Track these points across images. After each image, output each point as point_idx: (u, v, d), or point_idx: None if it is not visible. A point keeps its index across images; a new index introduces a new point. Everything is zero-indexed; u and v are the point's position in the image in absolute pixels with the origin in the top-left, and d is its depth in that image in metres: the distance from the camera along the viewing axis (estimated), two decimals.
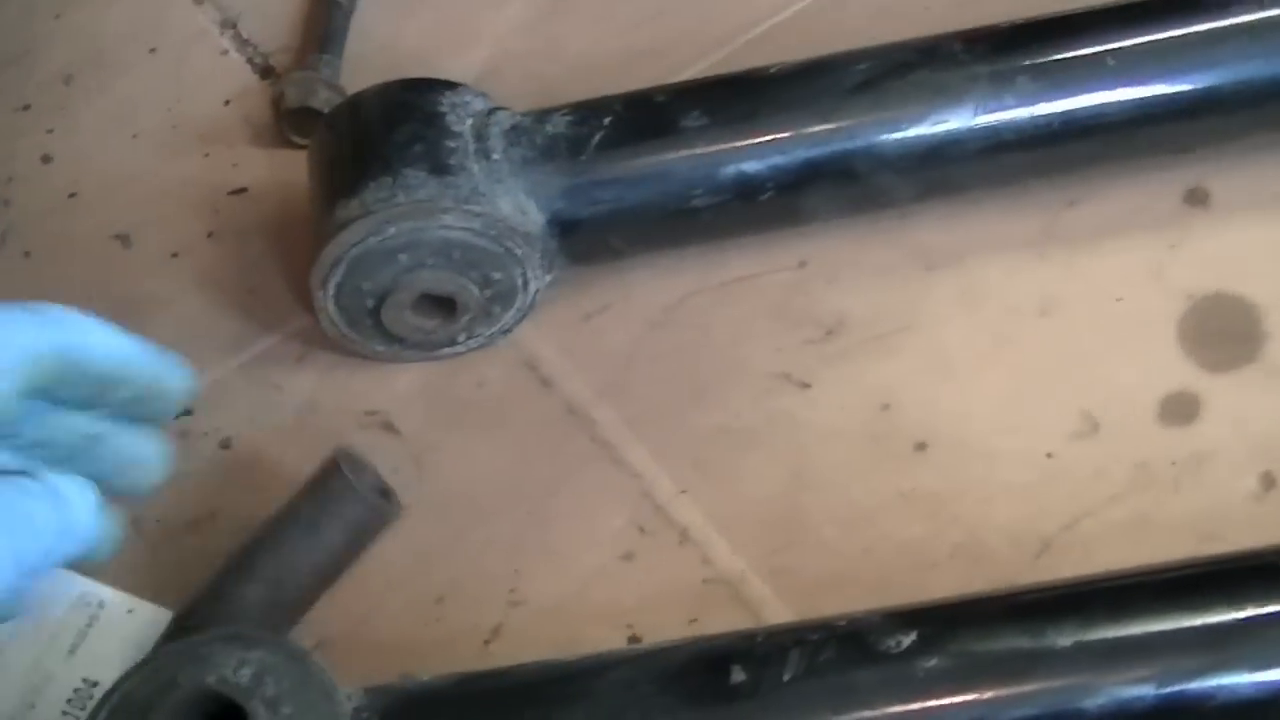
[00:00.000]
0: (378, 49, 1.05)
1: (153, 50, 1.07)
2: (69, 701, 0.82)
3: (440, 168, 0.86)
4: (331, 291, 0.87)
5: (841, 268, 0.93)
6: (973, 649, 0.71)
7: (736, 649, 0.74)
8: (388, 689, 0.75)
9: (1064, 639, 0.71)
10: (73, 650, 0.83)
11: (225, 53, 1.06)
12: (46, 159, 1.02)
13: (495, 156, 0.87)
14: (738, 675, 0.72)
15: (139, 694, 0.69)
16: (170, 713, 0.68)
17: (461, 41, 1.05)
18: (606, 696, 0.73)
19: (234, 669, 0.70)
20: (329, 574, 0.84)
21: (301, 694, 0.69)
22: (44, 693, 0.82)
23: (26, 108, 1.05)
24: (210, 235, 0.99)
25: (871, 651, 0.71)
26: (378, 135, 0.89)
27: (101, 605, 0.85)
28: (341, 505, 0.82)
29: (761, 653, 0.72)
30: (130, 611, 0.85)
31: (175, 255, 0.98)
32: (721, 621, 0.82)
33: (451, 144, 0.87)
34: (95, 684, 0.82)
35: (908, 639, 0.71)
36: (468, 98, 0.90)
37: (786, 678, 0.71)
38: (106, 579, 0.86)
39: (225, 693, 0.68)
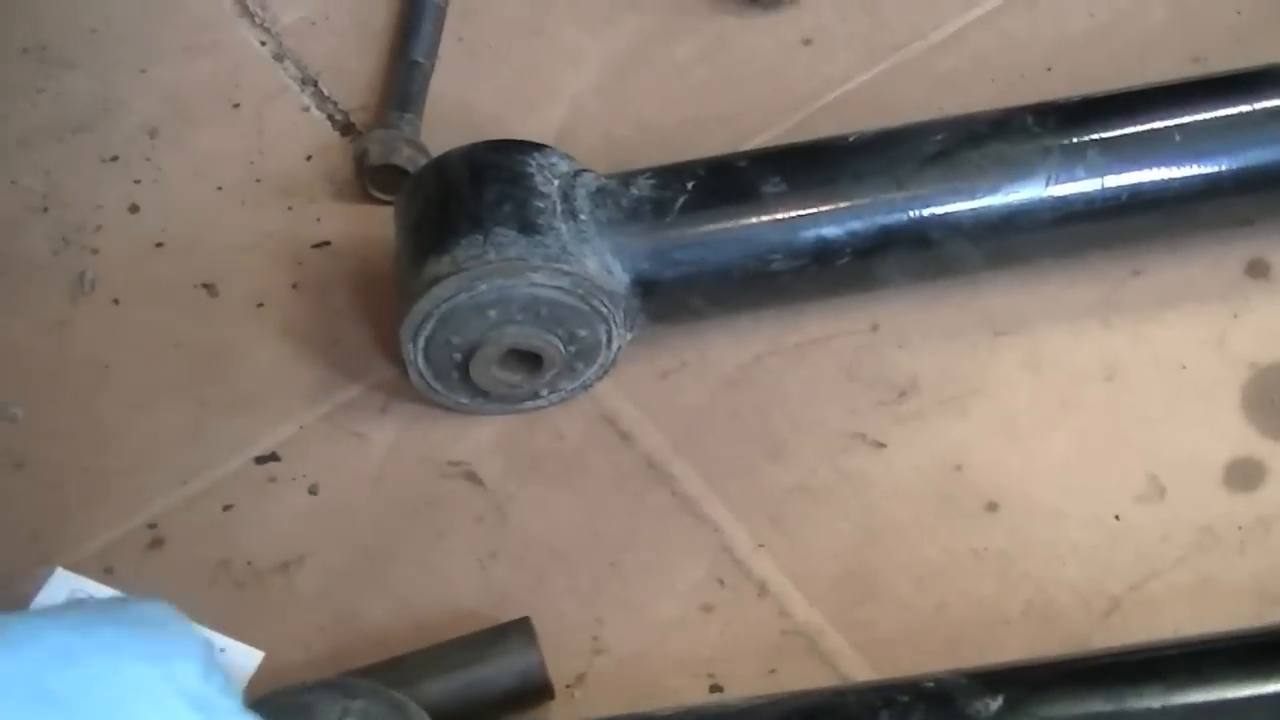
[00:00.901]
0: (454, 108, 1.07)
1: (235, 105, 1.09)
2: None
3: (529, 227, 0.89)
4: (421, 345, 0.90)
5: (912, 331, 0.96)
6: (1057, 714, 0.73)
7: (826, 707, 0.75)
8: None
9: (1145, 703, 0.73)
10: None
11: (306, 109, 1.09)
12: (134, 209, 1.05)
13: (582, 217, 0.90)
14: None
15: None
16: None
17: (536, 102, 1.08)
18: None
19: (337, 717, 0.70)
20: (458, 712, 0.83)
21: None
22: None
23: (115, 159, 1.07)
24: (294, 286, 1.01)
25: (960, 715, 0.73)
26: (467, 194, 0.92)
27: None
28: (513, 660, 0.83)
29: (851, 713, 0.74)
30: (221, 650, 0.87)
31: (261, 305, 1.00)
32: (800, 672, 0.85)
33: (540, 204, 0.90)
34: None
35: (995, 703, 0.73)
36: (554, 159, 0.93)
37: None
38: (199, 619, 0.88)
39: None
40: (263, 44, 1.12)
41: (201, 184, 1.06)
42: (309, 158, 1.07)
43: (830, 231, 0.92)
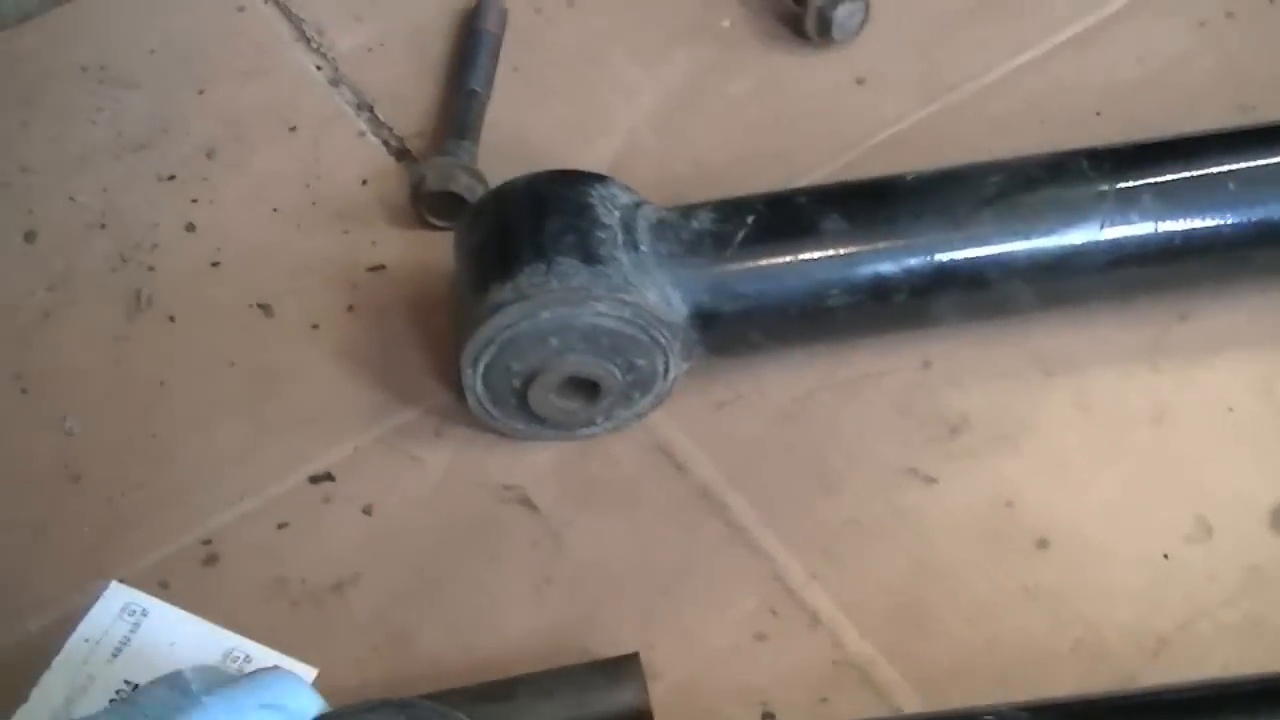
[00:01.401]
0: (509, 138, 1.09)
1: (292, 129, 1.10)
2: None
3: (591, 257, 0.90)
4: (481, 370, 0.91)
5: (964, 370, 0.97)
6: None
7: None
8: None
9: None
10: None
11: (362, 134, 1.10)
12: (190, 228, 1.06)
13: (643, 248, 0.91)
14: None
15: None
16: None
17: (591, 134, 1.10)
18: None
19: None
20: None
21: None
22: None
23: (172, 178, 1.08)
24: (350, 309, 1.02)
25: None
26: (530, 223, 0.93)
27: (248, 660, 0.88)
28: (619, 692, 0.84)
29: None
30: (275, 667, 0.87)
31: (316, 326, 1.01)
32: (852, 702, 0.86)
33: (602, 235, 0.91)
34: None
35: None
36: (615, 190, 0.94)
37: None
38: (252, 636, 0.89)
39: None
40: (319, 69, 1.13)
41: (258, 205, 1.07)
42: (364, 182, 1.08)
43: (887, 269, 0.93)
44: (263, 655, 0.87)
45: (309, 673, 0.87)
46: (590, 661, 0.83)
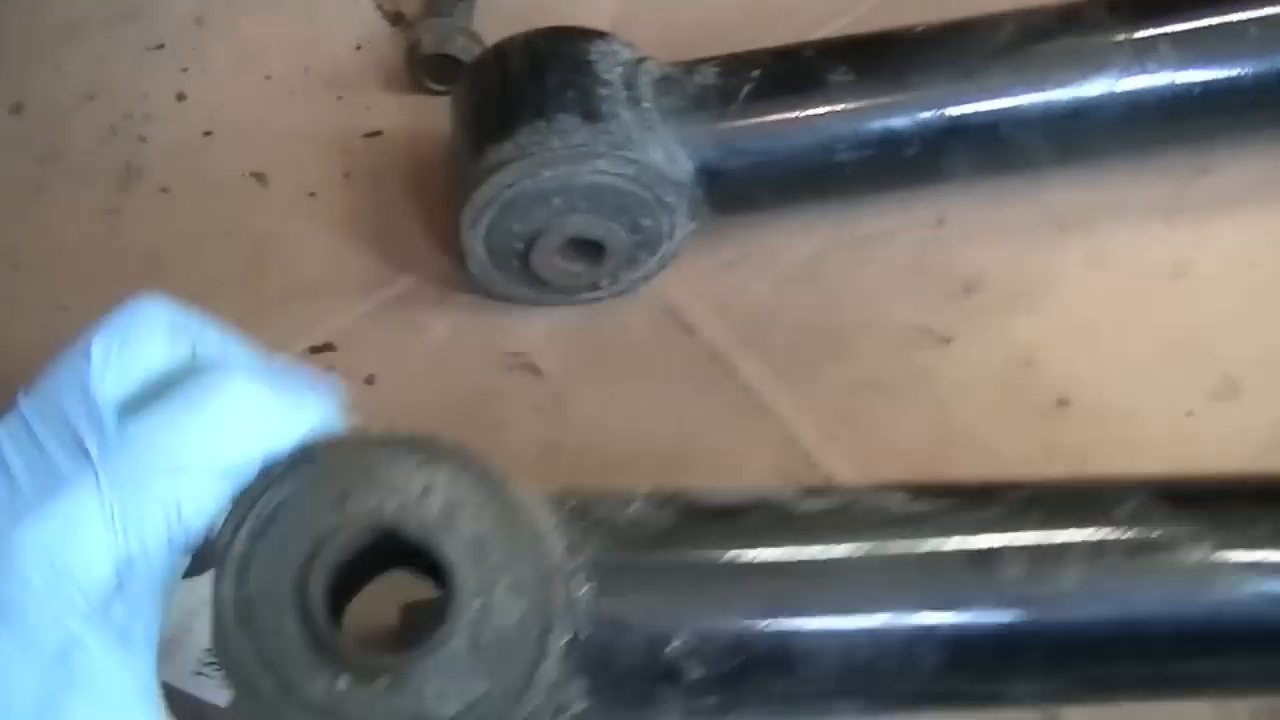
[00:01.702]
0: None
1: None
2: None
3: (592, 114, 0.87)
4: (482, 233, 0.88)
5: (979, 227, 0.94)
6: None
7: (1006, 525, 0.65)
8: (594, 521, 0.60)
9: None
10: None
11: None
12: (181, 97, 1.03)
13: (645, 105, 0.88)
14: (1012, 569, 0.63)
15: (296, 507, 0.54)
16: (336, 555, 0.53)
17: None
18: (860, 570, 0.63)
19: (418, 495, 0.55)
20: None
21: (505, 535, 0.54)
22: (199, 617, 0.82)
23: (160, 47, 1.05)
24: (346, 176, 0.99)
25: None
26: (528, 81, 0.90)
27: None
28: None
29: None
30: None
31: (312, 195, 0.99)
32: None
33: (603, 91, 0.88)
34: None
35: None
36: (615, 46, 0.91)
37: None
38: None
39: (409, 530, 0.54)
40: None
41: (249, 73, 1.05)
42: (358, 47, 1.05)
43: (897, 122, 0.90)
44: None
45: None
46: None
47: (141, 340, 0.57)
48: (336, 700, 0.52)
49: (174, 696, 0.60)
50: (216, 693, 0.73)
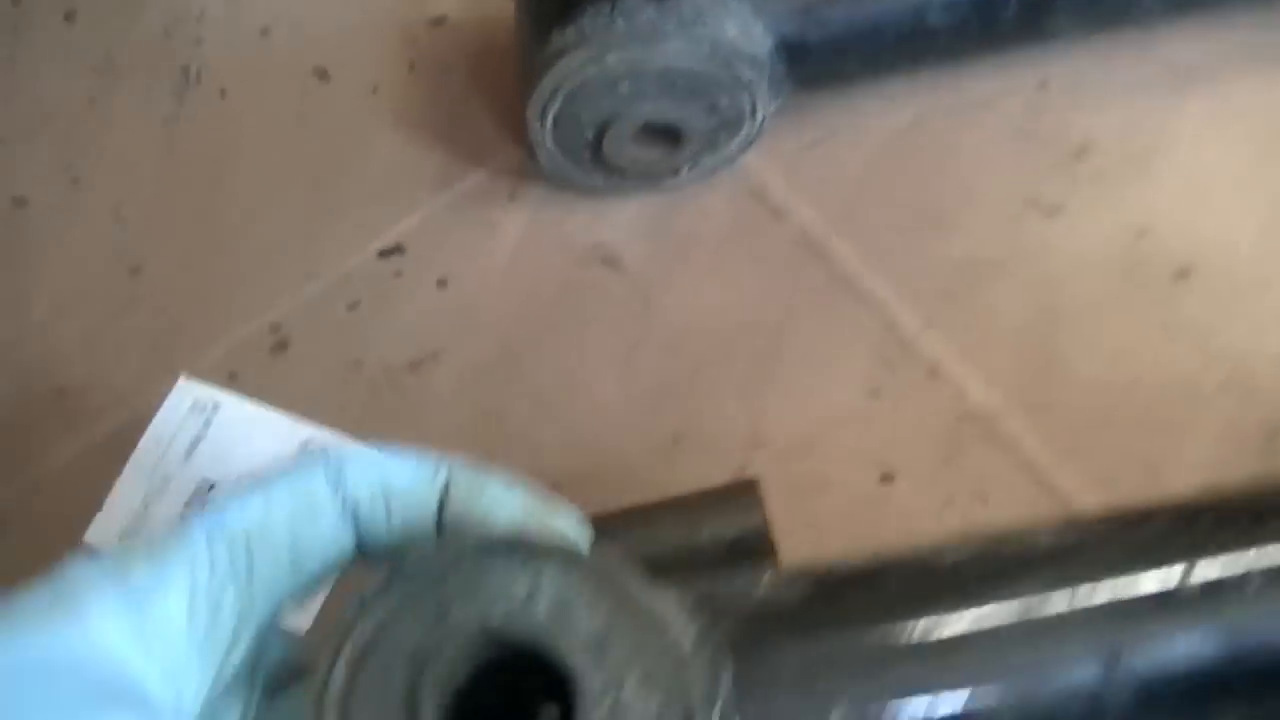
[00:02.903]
0: None
1: None
2: None
3: None
4: (549, 123, 0.83)
5: (1086, 87, 0.88)
6: None
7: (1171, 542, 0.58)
8: (724, 603, 0.55)
9: None
10: None
11: None
12: None
13: None
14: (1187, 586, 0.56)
15: (396, 630, 0.49)
16: (444, 675, 0.48)
17: None
18: (1023, 611, 0.56)
19: (525, 599, 0.49)
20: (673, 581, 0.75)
21: (626, 627, 0.49)
22: None
23: None
24: (411, 68, 0.94)
25: None
26: None
27: (326, 452, 0.81)
28: (740, 518, 0.76)
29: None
30: None
31: (376, 90, 0.93)
32: (978, 459, 0.78)
33: None
34: None
35: None
36: None
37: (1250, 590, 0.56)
38: (330, 423, 0.83)
39: (520, 637, 0.48)
40: None
41: None
42: None
43: None
44: (340, 444, 0.80)
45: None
46: (705, 489, 0.75)
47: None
48: None
49: None
50: None
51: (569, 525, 0.54)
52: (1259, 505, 0.58)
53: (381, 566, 0.50)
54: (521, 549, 0.50)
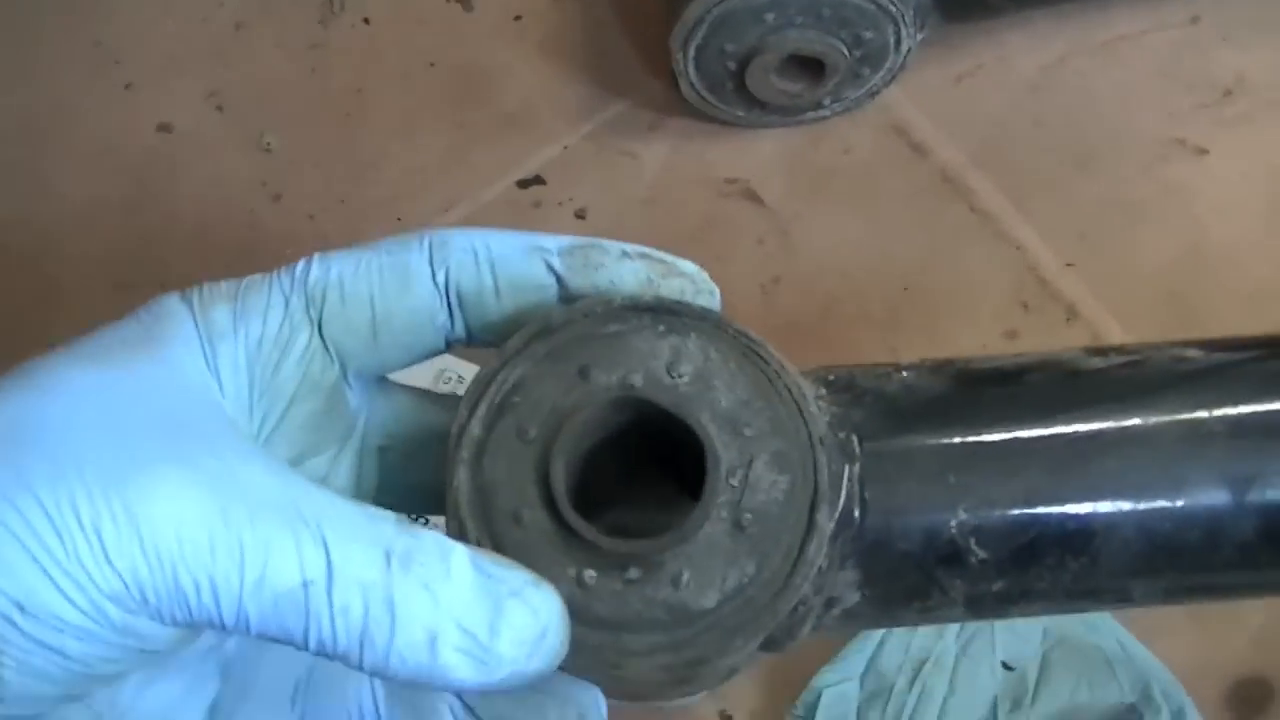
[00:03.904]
0: None
1: None
2: None
3: None
4: (692, 54, 0.83)
5: (1238, 24, 0.86)
6: None
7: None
8: (861, 391, 0.52)
9: None
10: None
11: None
12: None
13: None
14: None
15: (536, 386, 0.47)
16: (580, 436, 0.47)
17: None
18: (1163, 426, 0.53)
19: (667, 365, 0.47)
20: None
21: (763, 405, 0.47)
22: None
23: None
24: None
25: None
26: None
27: (461, 380, 0.83)
28: None
29: None
30: None
31: (518, 18, 0.94)
32: None
33: None
34: None
35: None
36: None
37: None
38: (463, 354, 0.83)
39: (660, 402, 0.46)
40: None
41: None
42: None
43: None
44: (472, 372, 0.81)
45: None
46: None
47: None
48: (586, 593, 0.46)
49: None
50: None
51: (695, 284, 0.51)
52: None
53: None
54: (666, 315, 0.48)
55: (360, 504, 0.43)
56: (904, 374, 0.53)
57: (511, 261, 0.49)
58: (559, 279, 0.49)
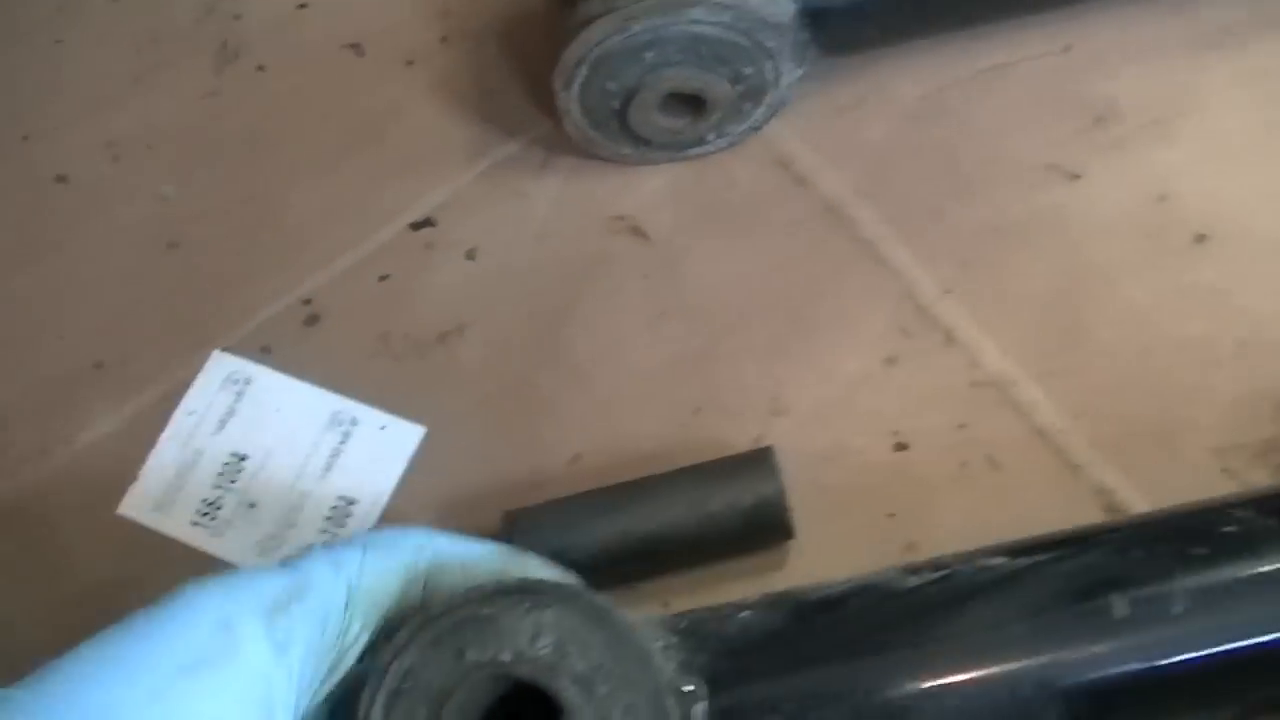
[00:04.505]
0: None
1: None
2: (327, 519, 0.81)
3: None
4: (575, 93, 0.84)
5: (1109, 51, 0.88)
6: None
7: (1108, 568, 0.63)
8: (705, 636, 0.63)
9: None
10: (328, 469, 0.82)
11: None
12: None
13: None
14: (1120, 609, 0.61)
15: (423, 672, 0.58)
16: (467, 702, 0.58)
17: None
18: (970, 633, 0.62)
19: (530, 639, 0.58)
20: (689, 549, 0.76)
21: (614, 664, 0.57)
22: (303, 510, 0.81)
23: None
24: (443, 40, 0.96)
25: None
26: None
27: (354, 423, 0.84)
28: (755, 486, 0.77)
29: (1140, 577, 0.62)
30: (383, 428, 0.84)
31: (410, 63, 0.95)
32: (992, 426, 0.79)
33: None
34: (352, 501, 0.81)
35: None
36: None
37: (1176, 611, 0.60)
38: (358, 396, 0.84)
39: (524, 675, 0.57)
40: None
41: None
42: None
43: None
44: (369, 416, 0.83)
45: (418, 431, 0.82)
46: (722, 458, 0.76)
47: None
48: None
49: None
50: None
51: (541, 570, 0.65)
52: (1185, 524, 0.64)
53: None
54: (530, 594, 0.59)
55: None
56: (744, 614, 0.63)
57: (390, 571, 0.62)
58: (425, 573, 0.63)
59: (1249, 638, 0.59)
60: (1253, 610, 0.60)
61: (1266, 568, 0.60)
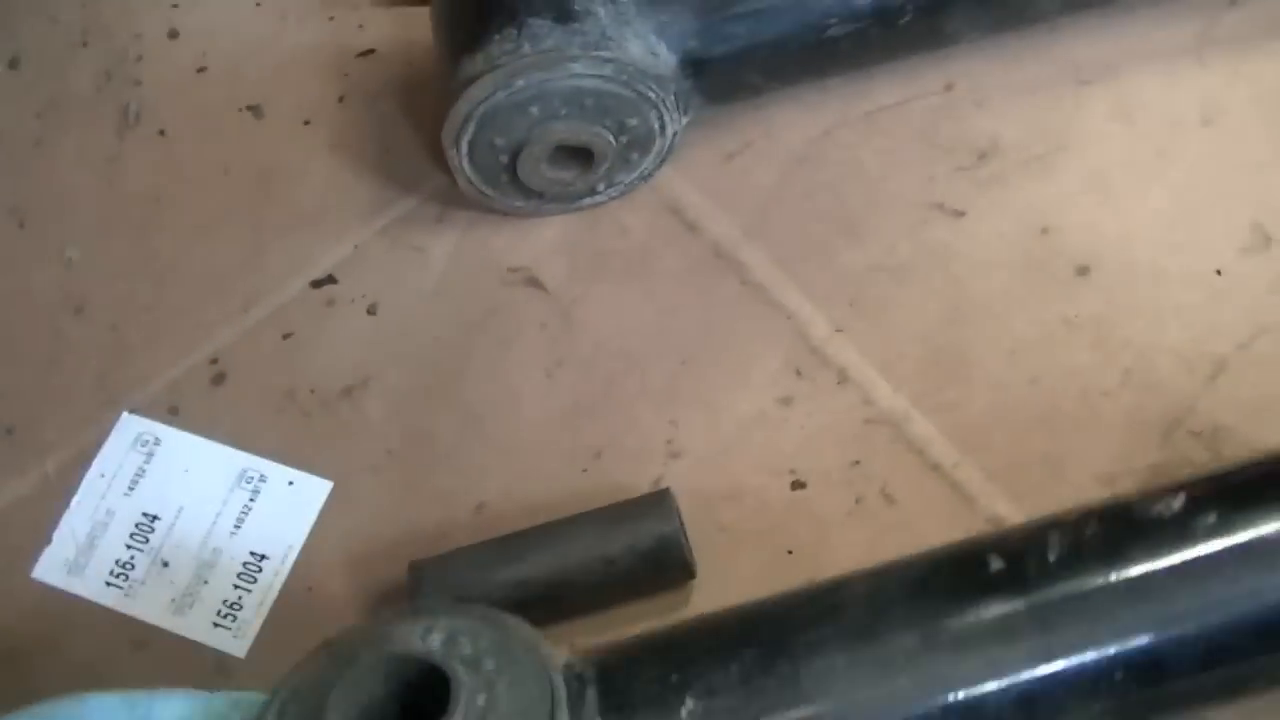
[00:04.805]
0: None
1: None
2: (239, 575, 0.82)
3: (565, 14, 0.84)
4: (465, 150, 0.86)
5: (990, 89, 0.90)
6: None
7: (984, 547, 0.67)
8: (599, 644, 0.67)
9: None
10: (239, 526, 0.83)
11: None
12: (173, 34, 1.01)
13: None
14: (996, 564, 0.65)
15: (317, 677, 0.61)
16: (352, 686, 0.60)
17: None
18: (854, 612, 0.66)
19: (421, 636, 0.61)
20: (593, 592, 0.78)
21: (502, 649, 0.61)
22: (215, 568, 0.82)
23: None
24: (341, 100, 0.97)
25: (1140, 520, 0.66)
26: None
27: (263, 479, 0.85)
28: (654, 528, 0.79)
29: (1015, 544, 0.66)
30: (291, 484, 0.85)
31: (308, 122, 0.96)
32: (886, 462, 0.80)
33: None
34: (264, 557, 0.82)
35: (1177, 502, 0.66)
36: None
37: (1052, 558, 0.64)
38: (265, 453, 0.85)
39: (418, 657, 0.60)
40: None
41: (241, 2, 1.01)
42: None
43: None
44: (277, 472, 0.84)
45: (325, 485, 0.83)
46: (620, 502, 0.77)
47: None
48: None
49: None
50: None
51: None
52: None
53: None
54: (424, 615, 0.62)
55: None
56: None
57: None
58: None
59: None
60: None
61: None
